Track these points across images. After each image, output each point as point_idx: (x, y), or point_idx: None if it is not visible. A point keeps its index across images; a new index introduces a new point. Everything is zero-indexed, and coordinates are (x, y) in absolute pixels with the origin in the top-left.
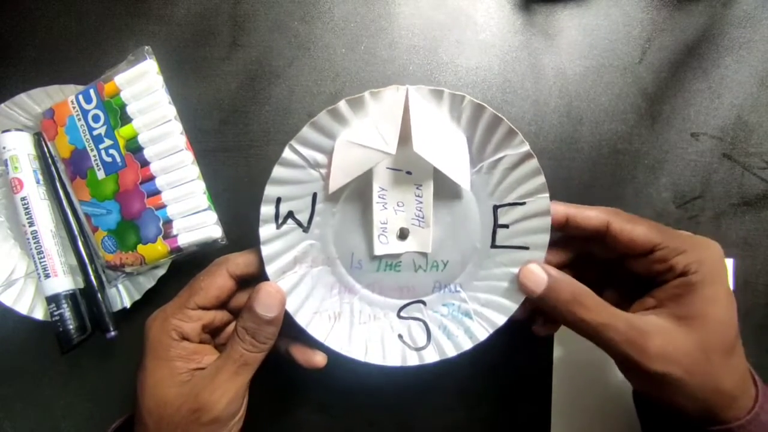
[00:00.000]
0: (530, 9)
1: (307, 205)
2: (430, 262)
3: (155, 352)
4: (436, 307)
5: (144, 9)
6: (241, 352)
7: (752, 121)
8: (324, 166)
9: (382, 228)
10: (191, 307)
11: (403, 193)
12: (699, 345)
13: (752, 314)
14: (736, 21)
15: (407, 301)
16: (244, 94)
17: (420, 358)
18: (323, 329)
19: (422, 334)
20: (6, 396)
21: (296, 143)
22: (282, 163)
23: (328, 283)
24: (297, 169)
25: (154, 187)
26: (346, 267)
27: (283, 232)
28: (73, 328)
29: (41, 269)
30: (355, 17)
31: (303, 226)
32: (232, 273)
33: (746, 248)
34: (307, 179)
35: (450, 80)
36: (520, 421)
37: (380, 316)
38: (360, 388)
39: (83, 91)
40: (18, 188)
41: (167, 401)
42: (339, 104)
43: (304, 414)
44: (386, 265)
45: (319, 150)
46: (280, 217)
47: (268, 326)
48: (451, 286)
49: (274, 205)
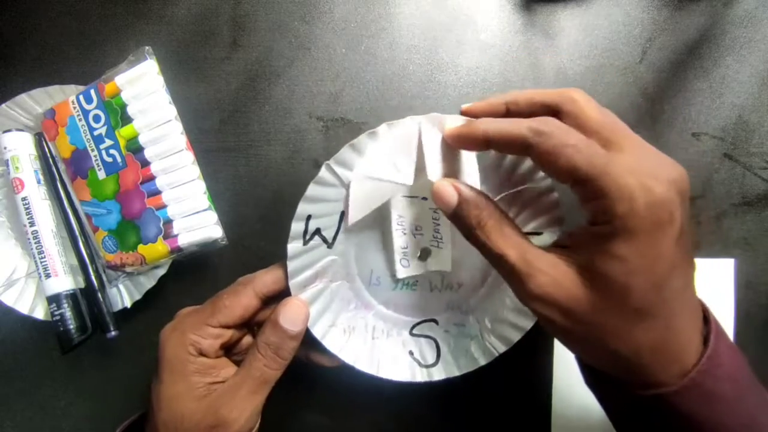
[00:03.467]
0: (530, 9)
1: (334, 222)
2: (445, 283)
3: (172, 366)
4: (447, 327)
5: (144, 9)
6: (262, 369)
7: (753, 120)
8: None
9: (403, 252)
10: (213, 325)
11: (421, 217)
12: (591, 299)
13: (753, 314)
14: (737, 20)
15: (420, 319)
16: (244, 95)
17: (428, 375)
18: (338, 342)
19: (432, 352)
20: (6, 396)
21: (334, 163)
22: (318, 182)
23: (345, 297)
24: (331, 187)
25: (155, 187)
26: (365, 283)
27: (308, 248)
28: (74, 328)
29: (42, 269)
30: (355, 17)
31: (328, 242)
32: (260, 293)
33: (747, 248)
34: (337, 198)
35: (450, 80)
36: (521, 419)
37: (393, 333)
38: (366, 394)
39: (84, 91)
40: (19, 188)
41: (184, 415)
42: (379, 128)
43: (310, 417)
44: (403, 284)
45: (353, 170)
46: (308, 234)
47: (291, 341)
48: (463, 307)
49: (304, 222)
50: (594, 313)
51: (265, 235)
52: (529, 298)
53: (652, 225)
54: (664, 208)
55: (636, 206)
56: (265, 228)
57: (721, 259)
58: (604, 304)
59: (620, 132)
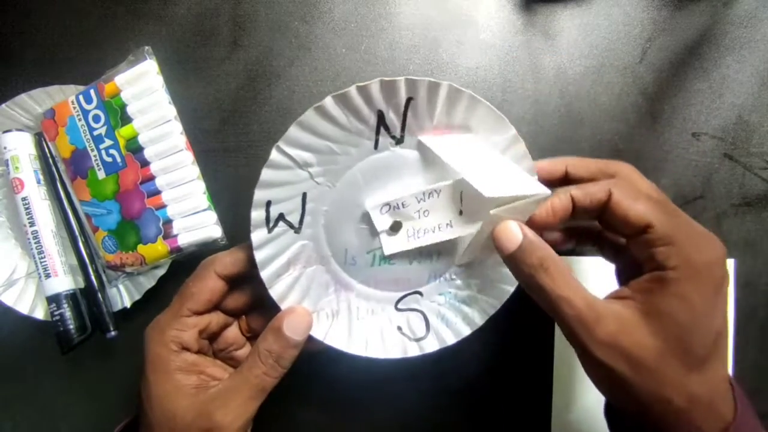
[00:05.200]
0: (530, 9)
1: (298, 206)
2: (424, 253)
3: (155, 366)
4: (432, 297)
5: (144, 9)
6: (261, 377)
7: (753, 121)
8: (312, 165)
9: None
10: (185, 315)
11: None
12: (657, 346)
13: (754, 315)
14: (737, 20)
15: (404, 293)
16: (244, 95)
17: (420, 348)
18: (322, 328)
19: (421, 325)
20: (6, 396)
21: (284, 144)
22: (270, 166)
23: (323, 281)
24: (286, 170)
25: (154, 187)
26: (341, 264)
27: (274, 235)
28: (74, 328)
29: (42, 269)
30: (355, 17)
31: (294, 227)
32: (221, 273)
33: (747, 248)
34: (296, 180)
35: (450, 80)
36: (520, 419)
37: (378, 311)
38: (363, 390)
39: (84, 91)
40: (19, 188)
41: (176, 414)
42: (325, 101)
43: (303, 414)
44: (381, 259)
45: (306, 149)
46: (271, 220)
47: (293, 350)
48: (446, 274)
49: (264, 209)
50: (658, 360)
51: None
52: (597, 345)
53: (716, 276)
54: (723, 265)
55: (704, 256)
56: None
57: None
58: (669, 350)
59: (671, 204)
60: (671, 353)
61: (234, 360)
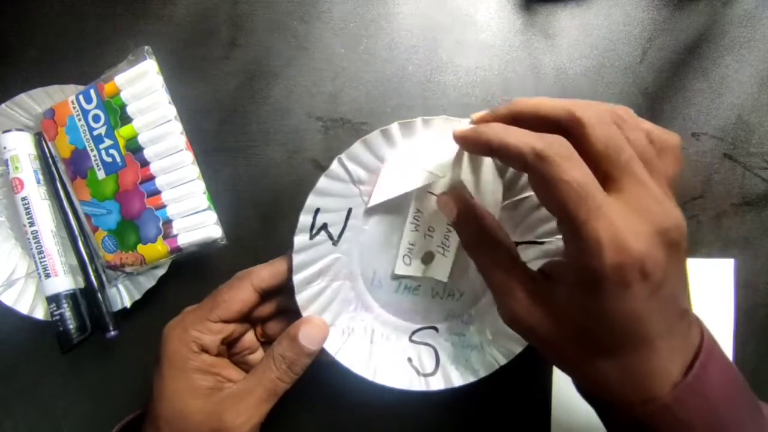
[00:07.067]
0: (530, 9)
1: (341, 219)
2: (447, 290)
3: (172, 363)
4: (447, 336)
5: (144, 9)
6: (274, 381)
7: (753, 120)
8: (365, 183)
9: (409, 249)
10: (213, 320)
11: (436, 219)
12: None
13: (753, 315)
14: (737, 20)
15: (420, 326)
16: (243, 94)
17: (426, 384)
18: (336, 343)
19: (431, 361)
20: (6, 396)
21: (345, 157)
22: (328, 175)
23: (346, 298)
24: (340, 182)
25: (154, 187)
26: (367, 284)
27: (314, 243)
28: (74, 328)
29: (42, 269)
30: (354, 17)
31: (333, 239)
32: (257, 287)
33: (747, 248)
34: (346, 194)
35: (450, 80)
36: (520, 419)
37: (392, 338)
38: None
39: (83, 91)
40: (19, 188)
41: (187, 414)
42: (391, 126)
43: (305, 415)
44: (405, 287)
45: (363, 167)
46: (315, 227)
47: (306, 358)
48: (464, 317)
49: (312, 215)
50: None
51: (264, 235)
52: (503, 319)
53: (616, 285)
54: (634, 267)
55: (602, 264)
56: (265, 228)
57: (720, 259)
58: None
59: (622, 167)
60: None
61: (247, 364)
